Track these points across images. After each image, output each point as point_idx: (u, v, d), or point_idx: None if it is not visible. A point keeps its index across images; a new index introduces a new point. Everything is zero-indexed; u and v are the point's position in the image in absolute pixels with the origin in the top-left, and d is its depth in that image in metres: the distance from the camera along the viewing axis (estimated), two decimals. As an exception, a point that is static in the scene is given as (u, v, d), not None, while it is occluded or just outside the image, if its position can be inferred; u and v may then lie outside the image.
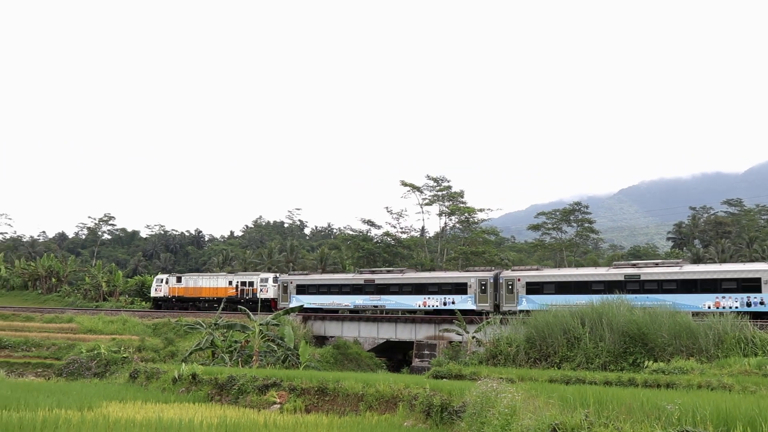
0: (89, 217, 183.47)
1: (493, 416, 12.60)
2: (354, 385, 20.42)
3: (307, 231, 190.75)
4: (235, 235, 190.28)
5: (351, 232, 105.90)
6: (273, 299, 60.72)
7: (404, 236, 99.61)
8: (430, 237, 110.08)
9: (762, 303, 39.74)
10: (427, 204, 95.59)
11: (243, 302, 59.02)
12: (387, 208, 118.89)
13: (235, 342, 36.82)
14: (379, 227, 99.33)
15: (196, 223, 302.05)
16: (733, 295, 40.90)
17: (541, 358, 28.32)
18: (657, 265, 45.56)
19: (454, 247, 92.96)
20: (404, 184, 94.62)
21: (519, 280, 48.07)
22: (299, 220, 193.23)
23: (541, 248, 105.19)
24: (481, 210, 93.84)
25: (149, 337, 48.43)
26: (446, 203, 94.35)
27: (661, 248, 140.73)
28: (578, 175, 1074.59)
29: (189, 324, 48.92)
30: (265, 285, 62.35)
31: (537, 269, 50.78)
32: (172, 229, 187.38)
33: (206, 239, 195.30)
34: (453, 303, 49.32)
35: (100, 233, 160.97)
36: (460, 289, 50.19)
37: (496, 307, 48.49)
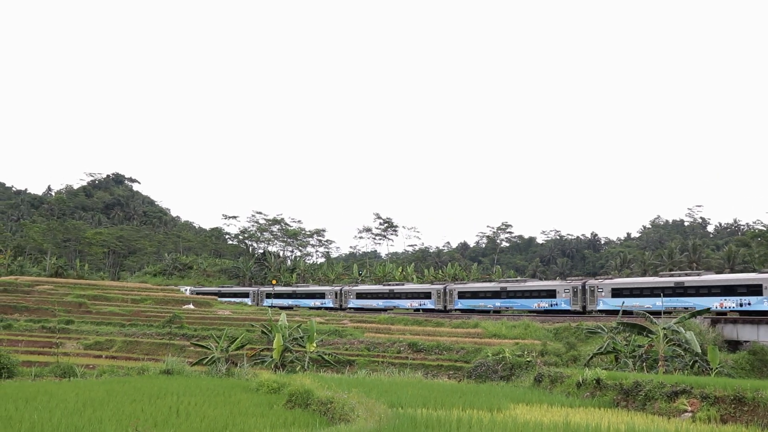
0: (488, 226, 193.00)
1: None
2: (777, 395, 18.46)
3: (710, 228, 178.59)
4: (632, 236, 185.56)
5: (762, 228, 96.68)
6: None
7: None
8: None
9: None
10: None
11: None
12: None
13: (638, 346, 35.66)
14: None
15: (592, 226, 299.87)
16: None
17: None
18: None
19: None
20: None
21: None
22: (701, 218, 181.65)
23: None
24: None
25: (551, 342, 48.98)
26: None
27: None
28: None
29: (590, 328, 48.78)
30: (186, 291, 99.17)
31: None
32: (568, 234, 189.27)
33: (602, 242, 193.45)
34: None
35: (498, 241, 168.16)
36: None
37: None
